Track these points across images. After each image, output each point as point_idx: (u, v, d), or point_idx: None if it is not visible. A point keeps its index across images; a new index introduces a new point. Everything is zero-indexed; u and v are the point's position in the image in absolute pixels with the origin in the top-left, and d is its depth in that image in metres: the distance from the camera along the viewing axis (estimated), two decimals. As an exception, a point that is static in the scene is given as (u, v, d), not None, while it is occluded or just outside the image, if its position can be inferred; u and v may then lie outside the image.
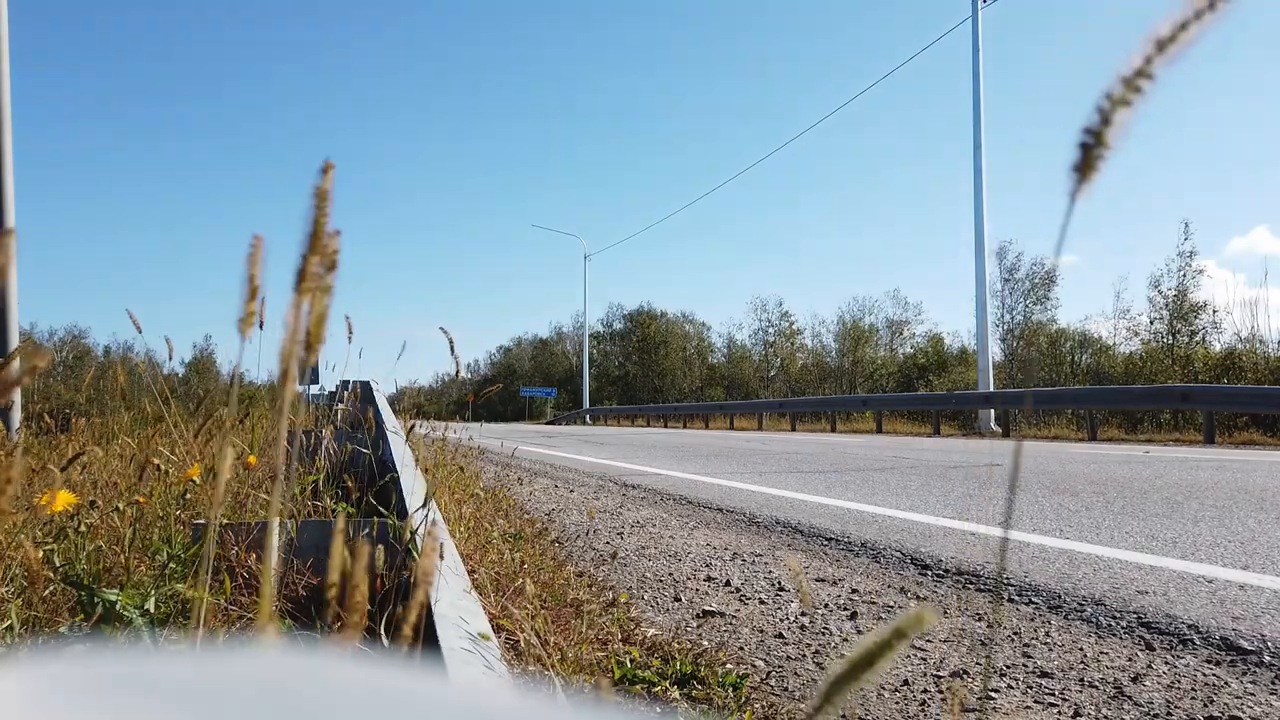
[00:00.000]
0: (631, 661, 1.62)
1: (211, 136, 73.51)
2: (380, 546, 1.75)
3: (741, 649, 1.85)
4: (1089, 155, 0.33)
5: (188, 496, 1.99)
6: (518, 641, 1.72)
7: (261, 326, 2.25)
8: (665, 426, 24.34)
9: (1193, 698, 1.55)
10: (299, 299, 0.36)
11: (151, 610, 1.36)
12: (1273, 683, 1.63)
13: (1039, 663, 1.76)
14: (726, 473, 6.39)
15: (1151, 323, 23.99)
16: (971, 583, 2.54)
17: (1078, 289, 47.26)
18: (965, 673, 1.05)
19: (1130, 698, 1.55)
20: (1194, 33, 0.32)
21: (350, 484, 3.02)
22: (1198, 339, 22.48)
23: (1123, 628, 2.01)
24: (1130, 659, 1.78)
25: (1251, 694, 1.57)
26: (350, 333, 2.81)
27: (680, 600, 2.31)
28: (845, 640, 1.92)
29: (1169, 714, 1.47)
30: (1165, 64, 0.32)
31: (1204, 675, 1.67)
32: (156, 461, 2.14)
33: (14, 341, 3.43)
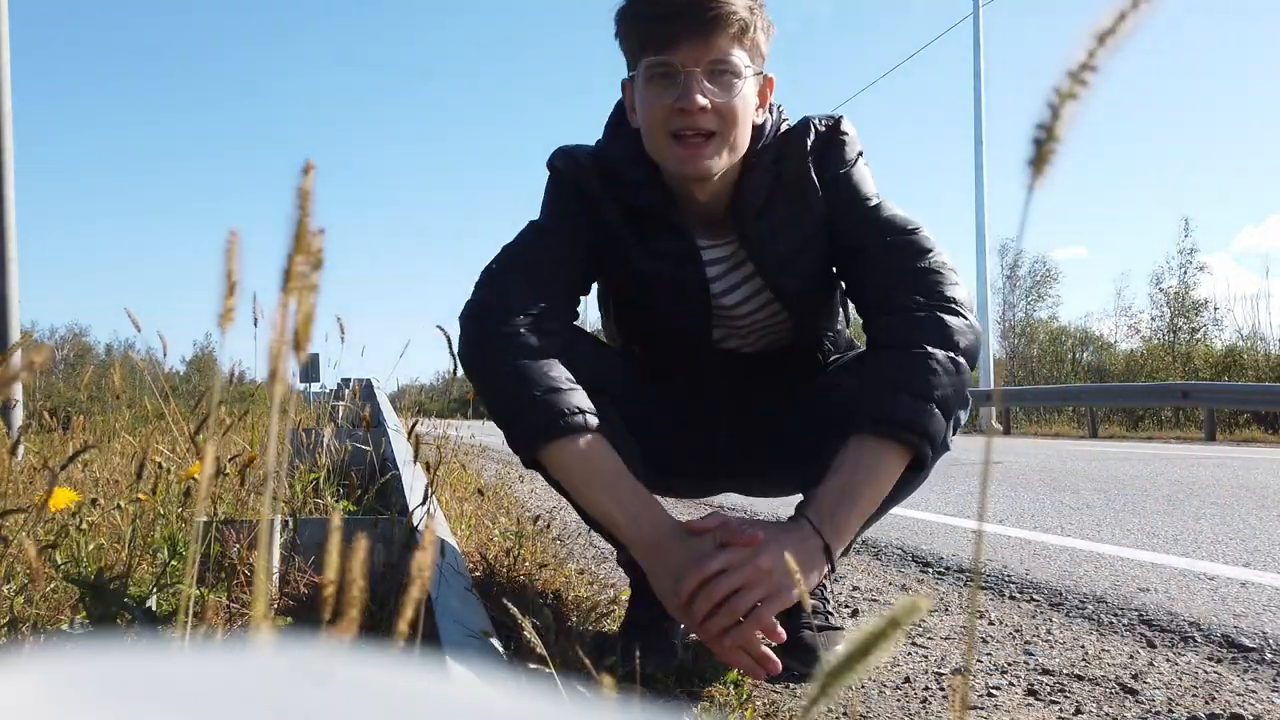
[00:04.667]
0: (632, 659, 1.62)
1: (216, 131, 73.48)
2: (380, 544, 1.75)
3: (742, 646, 1.85)
4: (1042, 149, 0.33)
5: (189, 494, 1.98)
6: (519, 639, 1.72)
7: (256, 324, 2.23)
8: (666, 424, 24.29)
9: (1194, 695, 1.54)
10: (285, 298, 0.35)
11: (153, 608, 1.37)
12: (1274, 680, 1.63)
13: (1040, 660, 1.75)
14: (727, 470, 6.38)
15: (1153, 320, 23.97)
16: (973, 580, 2.54)
17: (1085, 281, 47.09)
18: (967, 669, 1.05)
19: (1132, 694, 1.55)
20: (1132, 23, 0.32)
21: (352, 481, 3.02)
22: (1199, 336, 22.46)
23: (1124, 625, 2.01)
24: (1132, 656, 1.78)
25: (1253, 691, 1.57)
26: (343, 332, 2.81)
27: (681, 598, 2.31)
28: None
29: (1170, 711, 1.47)
30: (1107, 55, 0.32)
31: (1205, 673, 1.67)
32: (157, 459, 2.15)
33: (15, 337, 3.43)
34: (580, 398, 1.41)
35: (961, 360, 1.38)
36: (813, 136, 1.56)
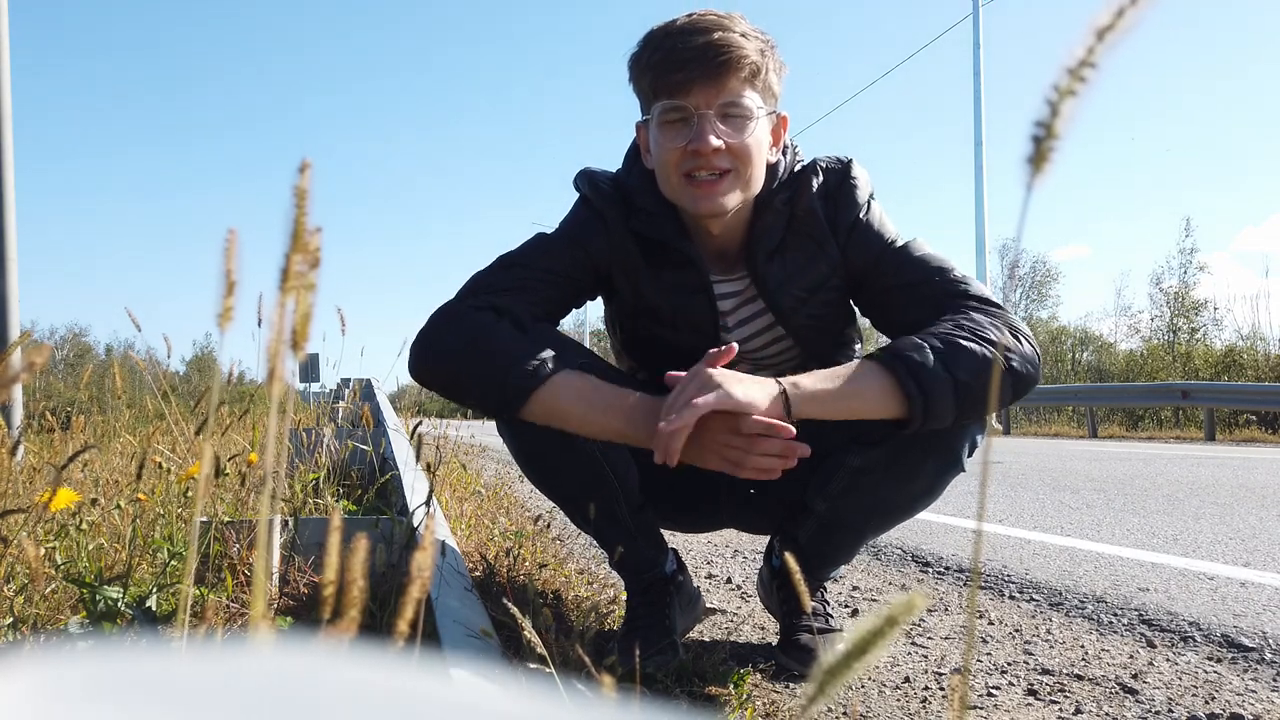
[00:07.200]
0: (632, 659, 1.62)
1: (217, 129, 73.53)
2: (380, 544, 1.75)
3: (743, 646, 1.85)
4: (1040, 147, 0.33)
5: (189, 494, 1.99)
6: (519, 639, 1.72)
7: (260, 324, 2.24)
8: (666, 424, 24.24)
9: (1194, 695, 1.55)
10: (283, 297, 0.35)
11: (153, 608, 1.37)
12: (1274, 680, 1.63)
13: (1040, 660, 1.76)
14: (727, 470, 6.37)
15: (1153, 320, 23.96)
16: (972, 580, 2.54)
17: (1086, 281, 47.01)
18: (967, 669, 1.04)
19: (1132, 694, 1.55)
20: (1131, 19, 0.32)
21: (352, 481, 3.02)
22: (1199, 336, 22.45)
23: (1124, 625, 2.01)
24: (1132, 656, 1.78)
25: (1253, 691, 1.57)
26: (343, 324, 2.81)
27: (681, 598, 2.31)
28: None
29: (1170, 711, 1.47)
30: (1107, 52, 0.32)
31: (1205, 672, 1.67)
32: (157, 459, 2.15)
33: (14, 336, 3.43)
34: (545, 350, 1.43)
35: (994, 352, 1.38)
36: (820, 177, 1.57)
